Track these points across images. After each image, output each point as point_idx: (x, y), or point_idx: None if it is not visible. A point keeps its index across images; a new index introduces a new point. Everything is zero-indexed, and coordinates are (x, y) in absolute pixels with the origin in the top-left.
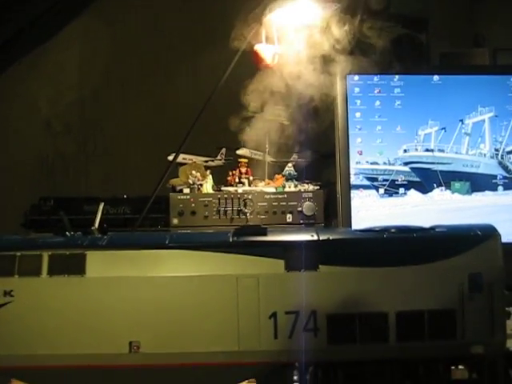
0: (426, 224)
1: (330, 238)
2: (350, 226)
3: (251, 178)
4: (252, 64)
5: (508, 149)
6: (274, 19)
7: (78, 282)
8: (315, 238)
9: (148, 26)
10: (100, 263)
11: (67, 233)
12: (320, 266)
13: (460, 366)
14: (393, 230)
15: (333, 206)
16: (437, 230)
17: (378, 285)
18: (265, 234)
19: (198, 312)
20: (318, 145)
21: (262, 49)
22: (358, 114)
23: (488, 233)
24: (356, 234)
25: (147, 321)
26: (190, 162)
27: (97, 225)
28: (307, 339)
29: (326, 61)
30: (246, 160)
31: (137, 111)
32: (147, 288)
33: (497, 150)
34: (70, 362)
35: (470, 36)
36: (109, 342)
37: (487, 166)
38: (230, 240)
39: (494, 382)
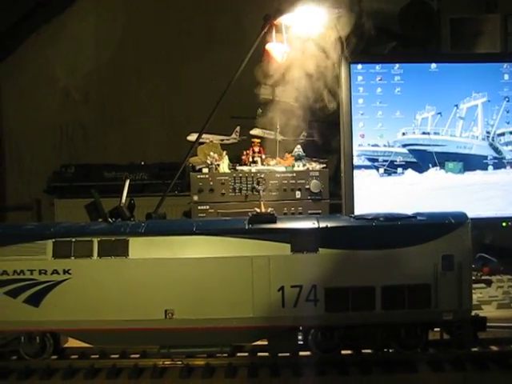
0: (421, 200)
1: (328, 225)
2: (353, 203)
3: (263, 156)
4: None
5: (499, 131)
6: (283, 21)
7: (123, 263)
8: (316, 225)
9: None
10: (140, 247)
11: (109, 219)
12: (319, 248)
13: (435, 329)
14: (381, 218)
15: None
16: (418, 217)
17: (367, 264)
18: (274, 222)
19: (220, 286)
20: (325, 116)
21: (272, 48)
22: (360, 101)
23: (460, 221)
24: (350, 222)
25: (179, 293)
26: (207, 141)
27: (124, 200)
28: (309, 308)
29: (332, 52)
30: (258, 140)
31: (153, 80)
32: (179, 267)
33: (488, 132)
34: (115, 325)
35: (482, 2)
36: (148, 310)
37: (479, 148)
38: (246, 227)
39: (460, 341)
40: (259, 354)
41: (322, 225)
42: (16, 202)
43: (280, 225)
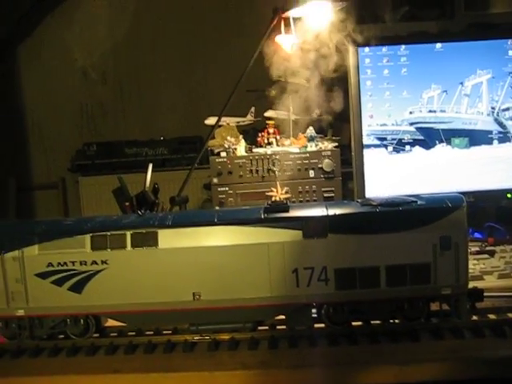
0: (428, 175)
1: (336, 213)
2: (363, 181)
3: (278, 137)
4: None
5: (503, 106)
6: (291, 13)
7: (153, 252)
8: (325, 213)
9: None
10: (168, 238)
11: (139, 212)
12: (329, 234)
13: (436, 302)
14: (385, 204)
15: None
16: (418, 202)
17: (372, 247)
18: (287, 211)
19: (241, 270)
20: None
21: (281, 40)
22: (368, 83)
23: (457, 204)
24: (356, 209)
25: (205, 278)
26: (224, 123)
27: (148, 184)
28: (321, 286)
29: (340, 36)
30: (272, 122)
31: (169, 55)
32: (203, 255)
33: (493, 108)
34: (149, 307)
35: None
36: (178, 293)
37: (484, 123)
38: (262, 217)
39: (458, 312)
40: (278, 327)
41: (331, 212)
42: (42, 181)
43: (292, 213)
